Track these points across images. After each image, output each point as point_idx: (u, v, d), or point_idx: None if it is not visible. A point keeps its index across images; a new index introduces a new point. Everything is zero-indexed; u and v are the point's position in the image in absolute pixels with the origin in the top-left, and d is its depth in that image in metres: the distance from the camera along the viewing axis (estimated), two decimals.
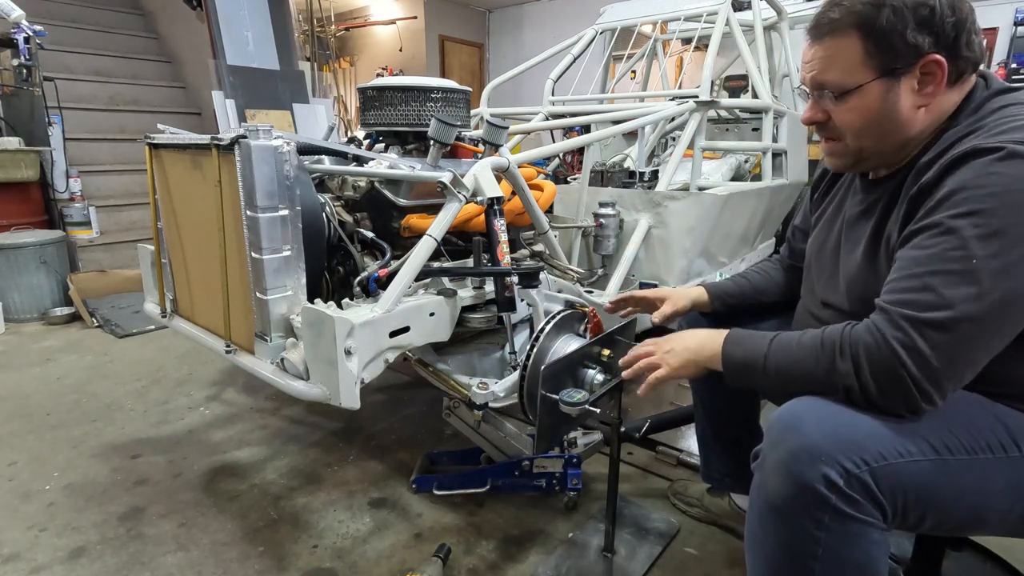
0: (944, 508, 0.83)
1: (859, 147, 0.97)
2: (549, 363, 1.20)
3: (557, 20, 8.20)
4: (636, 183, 2.43)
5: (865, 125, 0.93)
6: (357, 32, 8.85)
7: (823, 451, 0.78)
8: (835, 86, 0.93)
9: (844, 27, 0.89)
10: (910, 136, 0.93)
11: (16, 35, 3.75)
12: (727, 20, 2.65)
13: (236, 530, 1.58)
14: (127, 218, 4.51)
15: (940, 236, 0.80)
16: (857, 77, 0.90)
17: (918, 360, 0.78)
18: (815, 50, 0.94)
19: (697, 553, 1.48)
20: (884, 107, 0.91)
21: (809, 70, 0.96)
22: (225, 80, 4.34)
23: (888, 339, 0.80)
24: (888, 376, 0.80)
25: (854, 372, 0.82)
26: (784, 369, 0.91)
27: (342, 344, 1.21)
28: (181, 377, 2.58)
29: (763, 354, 0.93)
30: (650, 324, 1.41)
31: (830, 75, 0.93)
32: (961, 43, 0.86)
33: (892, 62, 0.88)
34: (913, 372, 0.78)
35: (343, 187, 1.70)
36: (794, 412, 0.84)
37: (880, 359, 0.80)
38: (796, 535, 0.81)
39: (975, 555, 1.36)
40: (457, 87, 1.77)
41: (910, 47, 0.86)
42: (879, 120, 0.92)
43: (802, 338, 0.90)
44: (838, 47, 0.91)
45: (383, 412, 2.23)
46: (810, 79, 0.96)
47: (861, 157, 0.99)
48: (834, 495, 0.77)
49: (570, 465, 1.61)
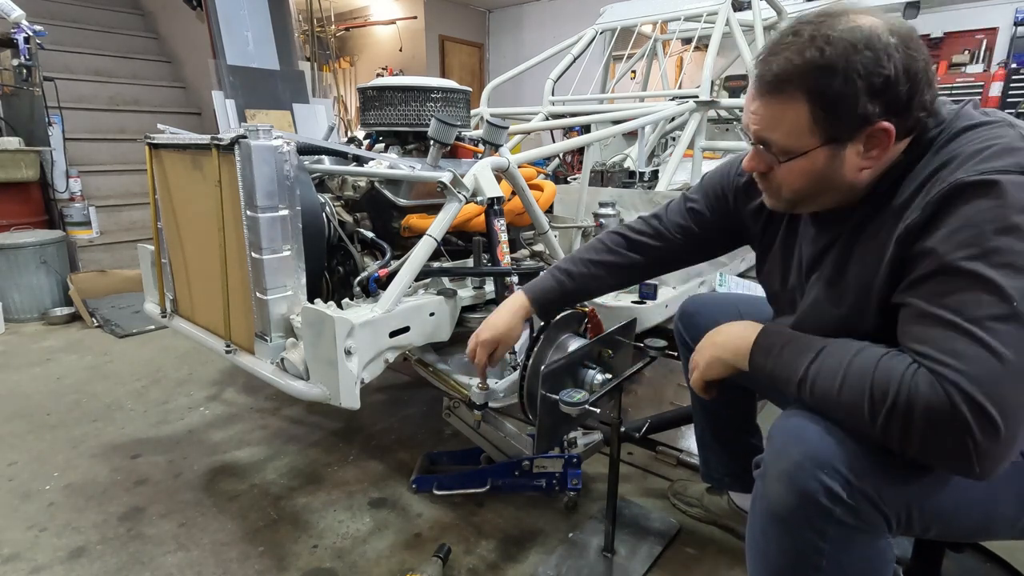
0: (950, 517, 0.83)
1: (798, 199, 0.93)
2: (549, 363, 1.20)
3: (557, 20, 8.20)
4: (636, 183, 2.44)
5: (806, 185, 0.89)
6: (357, 32, 8.86)
7: (826, 462, 0.77)
8: (779, 148, 0.87)
9: (792, 89, 0.82)
10: (854, 190, 0.89)
11: (16, 35, 3.75)
12: (727, 20, 2.65)
13: (236, 530, 1.58)
14: (127, 218, 4.52)
15: (961, 280, 0.73)
16: (803, 143, 0.84)
17: (988, 432, 0.68)
18: (759, 104, 0.87)
19: (697, 553, 1.48)
20: (827, 171, 0.86)
21: (753, 122, 0.89)
22: (225, 80, 4.34)
23: (958, 406, 0.69)
24: (955, 446, 0.71)
25: (899, 436, 0.74)
26: (824, 406, 0.82)
27: (342, 344, 1.21)
28: (181, 377, 2.58)
29: (798, 379, 0.84)
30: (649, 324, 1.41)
31: (775, 136, 0.86)
32: (914, 104, 0.81)
33: (839, 131, 0.82)
34: (979, 439, 0.69)
35: (343, 187, 1.70)
36: (797, 423, 0.83)
37: (943, 423, 0.70)
38: (799, 545, 0.80)
39: (975, 556, 1.36)
40: (457, 87, 1.77)
41: (859, 117, 0.80)
42: (820, 181, 0.87)
43: (849, 372, 0.78)
44: (784, 108, 0.84)
45: (383, 412, 2.23)
46: (753, 132, 0.90)
47: (798, 204, 0.95)
48: (837, 506, 0.77)
49: (570, 465, 1.61)
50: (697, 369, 1.04)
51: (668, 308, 2.06)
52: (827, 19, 0.82)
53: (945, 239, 0.75)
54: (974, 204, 0.74)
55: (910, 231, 0.79)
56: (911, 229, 0.79)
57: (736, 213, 1.17)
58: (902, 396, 0.72)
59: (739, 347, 0.95)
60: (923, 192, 0.80)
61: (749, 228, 1.17)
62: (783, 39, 0.84)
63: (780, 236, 1.09)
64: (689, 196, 1.24)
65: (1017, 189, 0.72)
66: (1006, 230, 0.71)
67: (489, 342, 1.26)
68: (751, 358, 0.93)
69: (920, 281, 0.77)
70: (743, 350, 0.94)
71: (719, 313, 1.33)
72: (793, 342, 0.88)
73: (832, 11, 0.83)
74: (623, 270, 1.28)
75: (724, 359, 0.99)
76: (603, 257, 1.27)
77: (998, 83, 5.30)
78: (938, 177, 0.79)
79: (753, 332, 0.94)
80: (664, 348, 1.35)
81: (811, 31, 0.81)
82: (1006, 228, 0.72)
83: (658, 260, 1.28)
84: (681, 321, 1.42)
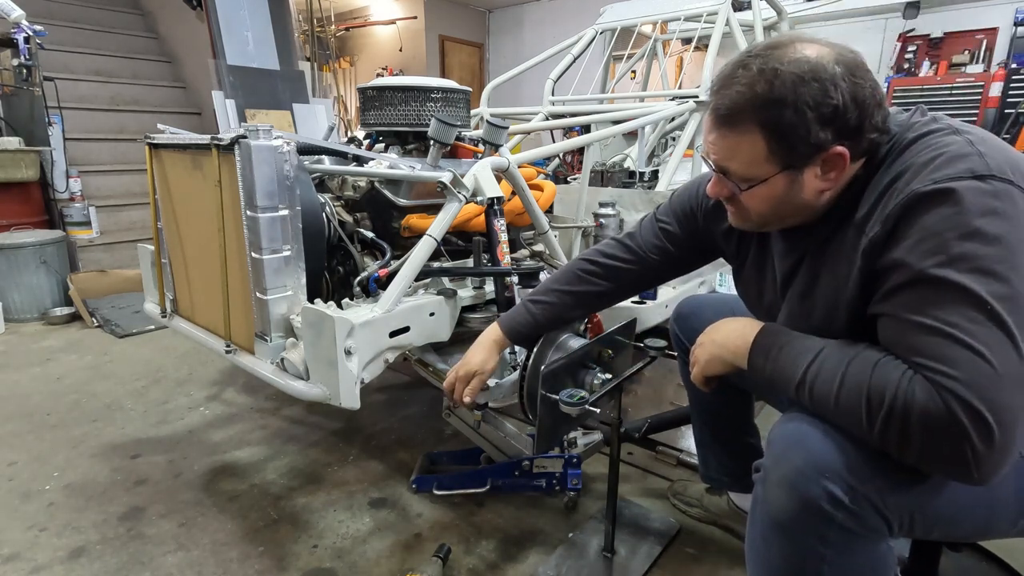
0: (951, 520, 0.83)
1: (764, 222, 0.95)
2: (549, 363, 1.20)
3: (557, 20, 8.20)
4: (636, 183, 2.44)
5: (769, 209, 0.91)
6: (357, 32, 8.85)
7: (827, 467, 0.77)
8: (739, 177, 0.89)
9: (746, 122, 0.84)
10: (816, 210, 0.91)
11: (16, 35, 3.75)
12: (727, 20, 2.65)
13: (236, 530, 1.58)
14: (127, 218, 4.52)
15: (935, 288, 0.74)
16: (761, 171, 0.87)
17: (984, 439, 0.69)
18: (716, 136, 0.89)
19: (697, 553, 1.48)
20: (788, 195, 0.88)
21: (712, 152, 0.92)
22: (225, 80, 4.34)
23: (955, 412, 0.70)
24: (952, 453, 0.71)
25: (898, 442, 0.74)
26: (821, 408, 0.82)
27: (342, 344, 1.21)
28: (181, 377, 2.58)
29: (796, 382, 0.85)
30: (649, 324, 1.41)
31: (733, 165, 0.89)
32: (865, 127, 0.82)
33: (794, 159, 0.84)
34: (979, 451, 0.69)
35: (343, 187, 1.70)
36: (797, 427, 0.83)
37: (940, 429, 0.71)
38: (800, 550, 0.80)
39: (973, 555, 1.36)
40: (457, 87, 1.77)
41: (812, 145, 0.82)
42: (782, 205, 0.90)
43: (847, 376, 0.79)
44: (740, 140, 0.86)
45: (383, 412, 2.23)
46: (713, 162, 0.92)
47: (764, 226, 0.98)
48: (839, 511, 0.77)
49: (570, 465, 1.61)
50: (697, 364, 1.06)
51: (668, 308, 2.06)
52: (774, 51, 0.84)
53: (911, 249, 0.76)
54: (933, 213, 0.75)
55: (874, 244, 0.81)
56: (875, 242, 0.81)
57: (707, 232, 1.18)
58: (899, 402, 0.73)
59: (738, 346, 0.96)
60: (881, 205, 0.82)
61: (721, 247, 1.18)
62: (734, 72, 0.86)
63: (752, 254, 1.11)
64: (660, 217, 1.26)
65: (973, 195, 0.74)
66: (968, 236, 0.73)
67: (464, 377, 1.29)
68: (750, 359, 0.94)
69: (894, 292, 0.78)
70: (742, 349, 0.95)
71: (714, 315, 1.31)
72: (792, 343, 0.89)
73: (779, 42, 0.85)
74: (595, 298, 1.30)
75: (723, 358, 1.00)
76: (574, 288, 1.28)
77: (998, 83, 5.29)
78: (894, 189, 0.81)
79: (752, 331, 0.95)
80: (664, 348, 1.36)
81: (759, 64, 0.83)
82: (968, 234, 0.73)
83: (633, 282, 1.30)
84: (676, 323, 1.42)
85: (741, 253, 1.14)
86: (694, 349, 1.07)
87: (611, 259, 1.27)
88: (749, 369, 0.94)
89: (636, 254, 1.26)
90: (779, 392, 0.90)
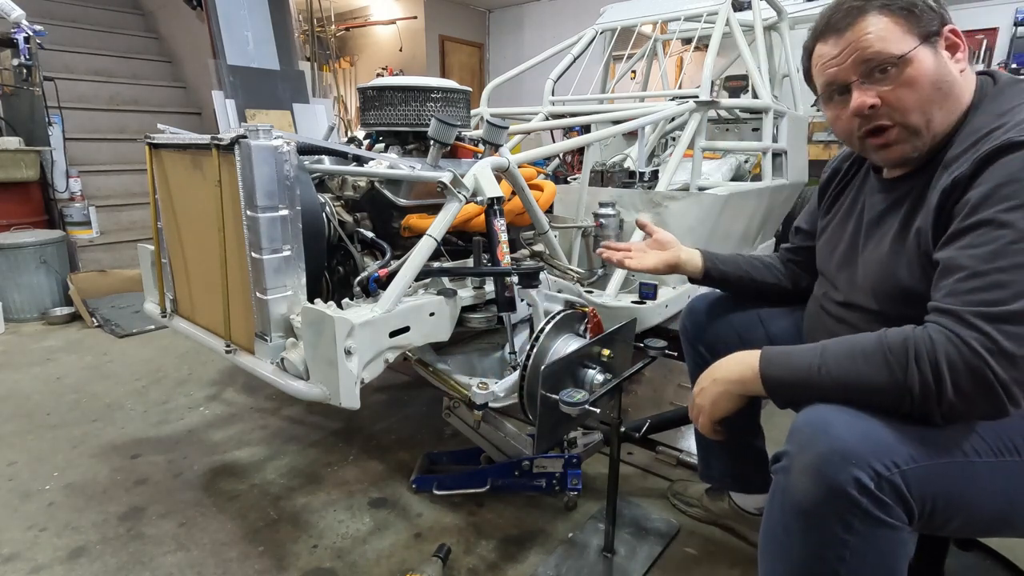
0: (972, 511, 0.83)
1: (923, 122, 0.94)
2: (549, 363, 1.20)
3: (557, 20, 8.20)
4: (636, 183, 2.43)
5: (926, 94, 0.93)
6: (357, 32, 8.86)
7: (854, 454, 0.77)
8: (887, 56, 0.92)
9: (868, 12, 0.93)
10: (963, 104, 0.95)
11: (16, 35, 3.75)
12: (727, 20, 2.64)
13: (236, 530, 1.58)
14: (127, 218, 4.52)
15: (996, 231, 0.79)
16: (906, 44, 0.92)
17: (1003, 362, 0.75)
18: (842, 41, 0.95)
19: (697, 553, 1.48)
20: (939, 70, 0.92)
21: (844, 59, 0.95)
22: (225, 80, 4.35)
23: (969, 342, 0.76)
24: (975, 382, 0.76)
25: (933, 382, 0.78)
26: (845, 382, 0.84)
27: (342, 344, 1.21)
28: (181, 377, 2.58)
29: (815, 367, 0.87)
30: (649, 324, 1.41)
31: (877, 48, 0.93)
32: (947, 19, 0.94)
33: (927, 26, 0.92)
34: (1000, 375, 0.75)
35: (343, 187, 1.70)
36: (822, 415, 0.83)
37: (964, 365, 0.76)
38: (824, 538, 0.80)
39: (978, 554, 1.36)
40: (457, 87, 1.77)
41: (934, 12, 0.92)
42: (938, 84, 0.92)
43: (856, 348, 0.85)
44: (872, 27, 0.93)
45: (383, 412, 2.23)
46: (850, 64, 0.95)
47: (914, 133, 0.95)
48: (865, 498, 0.77)
49: (570, 465, 1.61)
50: (703, 412, 1.03)
51: (668, 308, 2.06)
52: None
53: (989, 194, 0.81)
54: (1022, 160, 0.80)
55: (956, 183, 0.86)
56: (957, 181, 0.86)
57: (825, 209, 1.26)
58: (922, 350, 0.79)
59: (744, 373, 0.95)
60: (974, 148, 0.86)
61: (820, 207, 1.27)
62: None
63: (844, 208, 1.18)
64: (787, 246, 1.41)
65: None
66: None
67: (657, 241, 1.47)
68: (763, 373, 0.93)
69: (959, 234, 0.84)
70: (749, 374, 0.94)
71: (727, 309, 1.41)
72: (795, 349, 0.92)
73: None
74: (777, 272, 1.40)
75: (731, 391, 0.98)
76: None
77: None
78: (991, 136, 0.86)
79: (753, 356, 0.95)
80: (664, 348, 1.36)
81: None
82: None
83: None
84: (688, 319, 1.44)
85: (833, 209, 1.21)
86: (695, 397, 1.05)
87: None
88: (765, 383, 0.93)
89: (783, 254, 1.42)
90: (798, 391, 0.90)
